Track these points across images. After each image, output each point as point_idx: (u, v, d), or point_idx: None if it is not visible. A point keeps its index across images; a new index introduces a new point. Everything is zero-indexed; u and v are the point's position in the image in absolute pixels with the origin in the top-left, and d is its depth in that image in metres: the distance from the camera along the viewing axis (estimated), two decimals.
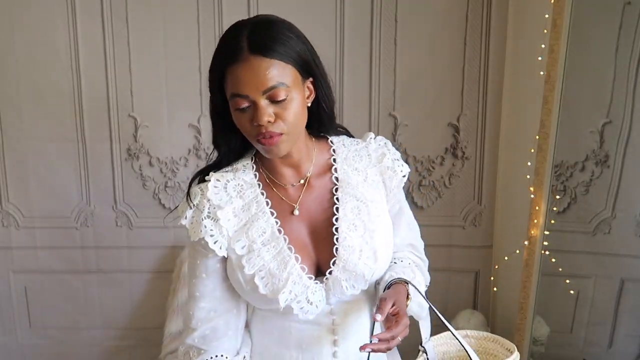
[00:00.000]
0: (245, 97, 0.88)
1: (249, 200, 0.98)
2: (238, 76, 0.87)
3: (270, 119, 0.88)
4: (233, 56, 0.88)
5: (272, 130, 0.88)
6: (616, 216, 1.82)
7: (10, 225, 2.33)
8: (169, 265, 2.32)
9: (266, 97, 0.87)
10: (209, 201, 0.96)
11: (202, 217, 0.96)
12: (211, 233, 0.95)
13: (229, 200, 0.97)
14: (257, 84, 0.86)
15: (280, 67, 0.88)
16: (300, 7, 2.13)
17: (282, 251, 0.95)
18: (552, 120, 1.80)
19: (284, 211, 0.98)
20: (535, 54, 1.89)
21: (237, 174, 0.99)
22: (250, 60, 0.87)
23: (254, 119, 0.88)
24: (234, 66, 0.88)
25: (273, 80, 0.87)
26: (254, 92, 0.87)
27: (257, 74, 0.86)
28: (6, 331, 2.43)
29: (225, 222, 0.95)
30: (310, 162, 1.01)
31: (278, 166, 0.99)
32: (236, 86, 0.88)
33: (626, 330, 1.85)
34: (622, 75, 1.71)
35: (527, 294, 1.96)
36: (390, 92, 2.25)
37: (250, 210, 0.97)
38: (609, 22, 1.75)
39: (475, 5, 2.17)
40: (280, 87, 0.87)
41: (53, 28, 2.16)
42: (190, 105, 2.23)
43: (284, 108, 0.88)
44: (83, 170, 2.29)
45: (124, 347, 2.46)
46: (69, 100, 2.22)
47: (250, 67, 0.86)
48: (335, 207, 0.98)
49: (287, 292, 0.93)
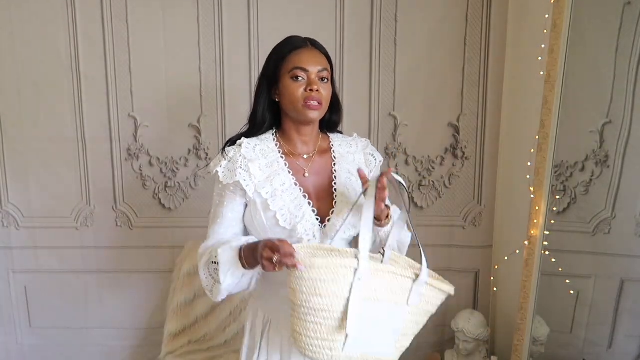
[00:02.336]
0: (305, 71, 1.26)
1: (272, 160, 1.31)
2: (302, 57, 1.27)
3: (319, 89, 1.26)
4: (298, 45, 1.29)
5: (317, 97, 1.26)
6: (616, 216, 1.82)
7: (10, 225, 2.33)
8: (169, 265, 2.32)
9: (318, 75, 1.27)
10: (241, 155, 1.29)
11: (236, 166, 1.28)
12: (244, 178, 1.27)
13: (256, 157, 1.29)
14: (315, 64, 1.27)
15: (326, 61, 1.31)
16: (300, 7, 2.13)
17: (298, 197, 1.28)
18: (552, 120, 1.80)
19: (298, 173, 1.32)
20: (535, 54, 1.89)
21: (262, 142, 1.33)
22: (312, 49, 1.30)
23: (308, 86, 1.25)
24: (299, 50, 1.28)
25: (323, 65, 1.29)
26: (312, 68, 1.27)
27: (316, 58, 1.29)
28: (6, 331, 2.44)
29: (255, 172, 1.28)
30: (317, 143, 1.38)
31: (295, 139, 1.34)
32: (300, 62, 1.26)
33: (626, 331, 1.85)
34: (622, 75, 1.71)
35: (527, 294, 1.96)
36: (390, 92, 2.25)
37: (273, 167, 1.30)
38: (609, 22, 1.76)
39: (475, 5, 2.17)
40: (325, 72, 1.29)
41: (53, 28, 2.16)
42: (190, 105, 2.24)
43: (325, 88, 1.28)
44: (83, 170, 2.29)
45: (124, 347, 2.46)
46: (69, 100, 2.22)
47: (311, 52, 1.30)
48: (334, 175, 1.34)
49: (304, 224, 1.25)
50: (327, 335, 1.10)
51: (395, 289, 1.15)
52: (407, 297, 1.15)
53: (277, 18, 2.15)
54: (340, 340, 1.10)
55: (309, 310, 1.09)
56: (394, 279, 1.15)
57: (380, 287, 1.13)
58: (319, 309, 1.08)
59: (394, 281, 1.15)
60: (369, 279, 1.10)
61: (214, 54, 2.20)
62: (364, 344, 1.12)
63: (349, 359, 1.12)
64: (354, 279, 1.08)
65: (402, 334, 1.18)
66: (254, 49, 2.18)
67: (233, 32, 2.19)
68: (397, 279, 1.15)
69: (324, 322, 1.09)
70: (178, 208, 2.33)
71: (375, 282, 1.11)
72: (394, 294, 1.14)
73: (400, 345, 1.20)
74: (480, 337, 2.14)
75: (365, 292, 1.10)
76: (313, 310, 1.09)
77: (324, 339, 1.10)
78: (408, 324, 1.18)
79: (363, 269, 1.09)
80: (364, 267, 1.09)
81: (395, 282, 1.15)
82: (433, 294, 1.20)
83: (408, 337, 1.20)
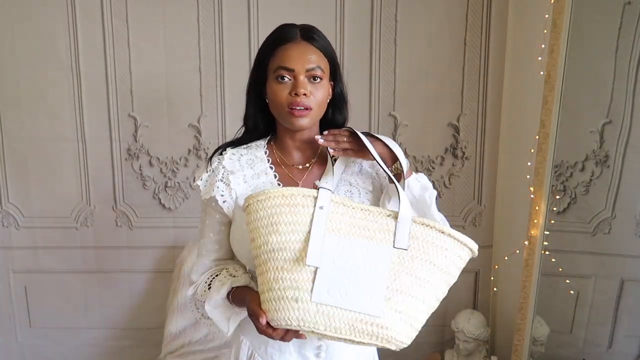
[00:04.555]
0: (291, 71, 1.07)
1: (259, 171, 1.16)
2: (288, 53, 1.08)
3: (306, 92, 1.07)
4: (286, 38, 1.09)
5: (304, 102, 1.07)
6: (616, 216, 1.82)
7: (10, 225, 2.33)
8: (169, 265, 2.32)
9: (307, 74, 1.08)
10: (224, 167, 1.14)
11: (216, 179, 1.14)
12: (221, 193, 1.13)
13: (241, 168, 1.15)
14: (303, 62, 1.07)
15: (320, 56, 1.10)
16: (300, 7, 2.14)
17: None
18: (552, 120, 1.80)
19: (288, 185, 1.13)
20: (535, 54, 1.89)
21: (250, 151, 1.18)
22: (300, 42, 1.09)
23: (292, 90, 1.07)
24: (286, 46, 1.09)
25: (315, 63, 1.08)
26: (299, 67, 1.07)
27: (304, 54, 1.08)
28: (6, 331, 2.43)
29: (235, 185, 1.13)
30: (315, 151, 1.19)
31: (290, 147, 1.17)
32: (284, 60, 1.07)
33: (626, 331, 1.85)
34: (622, 75, 1.71)
35: (527, 294, 1.96)
36: (390, 92, 2.25)
37: (260, 179, 1.15)
38: (609, 22, 1.76)
39: (475, 5, 2.17)
40: (318, 70, 1.08)
41: (53, 28, 2.16)
42: (190, 105, 2.24)
43: (317, 88, 1.09)
44: (83, 170, 2.29)
45: (124, 347, 2.46)
46: (69, 100, 2.22)
47: (299, 48, 1.08)
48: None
49: None
50: (290, 282, 0.93)
51: (371, 226, 0.98)
52: (393, 238, 0.97)
53: (277, 18, 2.13)
54: (307, 286, 0.93)
55: (269, 255, 0.95)
56: (368, 215, 0.99)
57: (351, 222, 0.98)
58: (278, 249, 0.95)
59: (369, 217, 0.99)
60: (335, 211, 0.98)
61: (214, 54, 2.20)
62: (340, 295, 0.92)
63: (323, 314, 0.93)
64: (314, 208, 0.97)
65: (395, 290, 0.94)
66: (254, 48, 2.18)
67: (233, 32, 2.19)
68: (373, 215, 0.99)
69: (285, 265, 0.94)
70: (178, 208, 2.33)
71: (344, 218, 0.98)
72: (370, 231, 0.97)
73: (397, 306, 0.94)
74: (480, 337, 2.14)
75: (331, 223, 0.96)
76: (272, 252, 0.95)
77: (287, 287, 0.93)
78: (402, 276, 0.95)
79: (324, 197, 0.98)
80: (325, 195, 0.98)
81: (370, 218, 0.98)
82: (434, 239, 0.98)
83: (410, 297, 0.95)
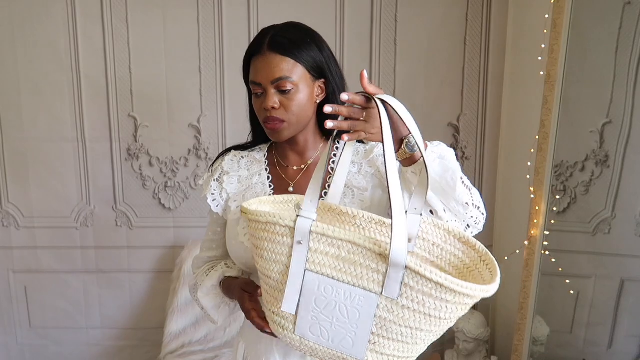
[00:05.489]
0: (259, 85, 1.04)
1: (254, 172, 1.16)
2: (256, 67, 1.05)
3: (275, 105, 1.03)
4: (255, 51, 1.06)
5: (275, 116, 1.04)
6: (616, 216, 1.82)
7: (10, 225, 2.33)
8: (169, 265, 2.32)
9: (274, 87, 1.03)
10: (222, 168, 1.17)
11: (212, 179, 1.16)
12: (212, 192, 1.15)
13: (237, 169, 1.17)
14: (267, 74, 1.03)
15: (290, 64, 1.03)
16: (300, 7, 2.14)
17: None
18: (552, 120, 1.80)
19: (281, 186, 1.14)
20: (535, 54, 1.89)
21: (252, 154, 1.19)
22: (266, 54, 1.04)
23: (262, 104, 1.05)
24: (255, 58, 1.06)
25: (280, 73, 1.03)
26: (265, 80, 1.03)
27: (269, 66, 1.03)
28: (6, 331, 2.43)
29: (227, 185, 1.14)
30: (315, 152, 1.16)
31: (286, 150, 1.16)
32: (253, 75, 1.06)
33: (626, 331, 1.85)
34: (622, 75, 1.71)
35: (527, 294, 1.96)
36: (390, 92, 2.24)
37: (252, 180, 1.15)
38: (609, 22, 1.76)
39: (475, 5, 2.17)
40: (286, 80, 1.03)
41: (53, 28, 2.16)
42: (190, 105, 2.24)
43: (289, 99, 1.04)
44: (83, 170, 2.29)
45: (124, 347, 2.46)
46: (69, 100, 2.22)
47: (265, 60, 1.04)
48: (323, 192, 1.09)
49: None
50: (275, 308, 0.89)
51: (358, 266, 0.81)
52: (382, 284, 0.80)
53: (277, 18, 2.13)
54: (290, 318, 0.88)
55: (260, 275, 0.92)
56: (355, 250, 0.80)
57: (335, 258, 0.82)
58: (263, 274, 0.90)
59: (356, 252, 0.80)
60: (316, 248, 0.83)
61: (214, 54, 2.20)
62: (321, 335, 0.87)
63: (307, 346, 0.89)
64: (293, 241, 0.84)
65: (382, 336, 0.84)
66: None
67: (233, 32, 2.19)
68: (361, 252, 0.80)
69: (269, 290, 0.89)
70: (178, 208, 2.33)
71: (327, 253, 0.82)
72: (357, 271, 0.81)
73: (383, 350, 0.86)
74: (480, 337, 2.14)
75: (312, 260, 0.83)
76: (261, 275, 0.91)
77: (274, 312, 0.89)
78: (391, 325, 0.83)
79: (302, 229, 0.83)
80: (303, 227, 0.83)
81: (358, 255, 0.80)
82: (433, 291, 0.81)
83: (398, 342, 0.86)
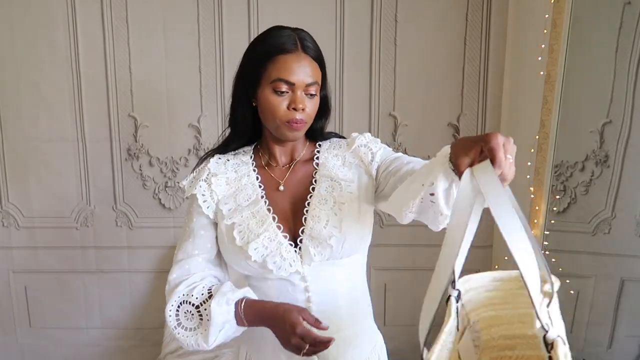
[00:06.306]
0: (291, 84, 1.04)
1: (242, 174, 1.15)
2: (289, 65, 1.04)
3: (305, 107, 1.06)
4: (287, 47, 1.04)
5: (301, 118, 1.06)
6: (616, 216, 1.82)
7: (10, 225, 2.33)
8: (169, 265, 2.31)
9: (304, 90, 1.05)
10: (208, 169, 1.15)
11: (200, 179, 1.14)
12: (202, 192, 1.13)
13: (225, 171, 1.15)
14: (304, 77, 1.04)
15: (317, 69, 1.07)
16: (300, 7, 2.13)
17: (261, 211, 1.10)
18: (552, 120, 1.80)
19: (271, 186, 1.14)
20: (535, 54, 1.89)
21: (237, 156, 1.18)
22: (302, 55, 1.05)
23: (292, 104, 1.05)
24: (287, 56, 1.04)
25: (314, 78, 1.06)
26: (300, 81, 1.04)
27: (305, 69, 1.05)
28: (6, 331, 2.43)
29: (216, 187, 1.12)
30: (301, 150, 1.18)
31: (275, 150, 1.16)
32: (284, 73, 1.04)
33: (626, 331, 1.85)
34: (622, 75, 1.71)
35: None
36: (390, 92, 2.25)
37: (242, 182, 1.14)
38: (609, 22, 1.76)
39: (475, 5, 2.17)
40: (315, 85, 1.07)
41: (53, 28, 2.16)
42: (190, 105, 2.24)
43: (312, 102, 1.08)
44: (83, 170, 2.29)
45: (124, 347, 2.46)
46: (69, 100, 2.22)
47: (301, 61, 1.04)
48: (311, 187, 1.13)
49: (260, 245, 1.05)
50: None
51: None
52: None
53: (277, 18, 2.15)
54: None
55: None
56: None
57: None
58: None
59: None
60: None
61: (214, 54, 2.20)
62: None
63: None
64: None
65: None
66: None
67: (233, 32, 2.19)
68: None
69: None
70: (178, 208, 2.33)
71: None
72: None
73: None
74: None
75: None
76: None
77: None
78: None
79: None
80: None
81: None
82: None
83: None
